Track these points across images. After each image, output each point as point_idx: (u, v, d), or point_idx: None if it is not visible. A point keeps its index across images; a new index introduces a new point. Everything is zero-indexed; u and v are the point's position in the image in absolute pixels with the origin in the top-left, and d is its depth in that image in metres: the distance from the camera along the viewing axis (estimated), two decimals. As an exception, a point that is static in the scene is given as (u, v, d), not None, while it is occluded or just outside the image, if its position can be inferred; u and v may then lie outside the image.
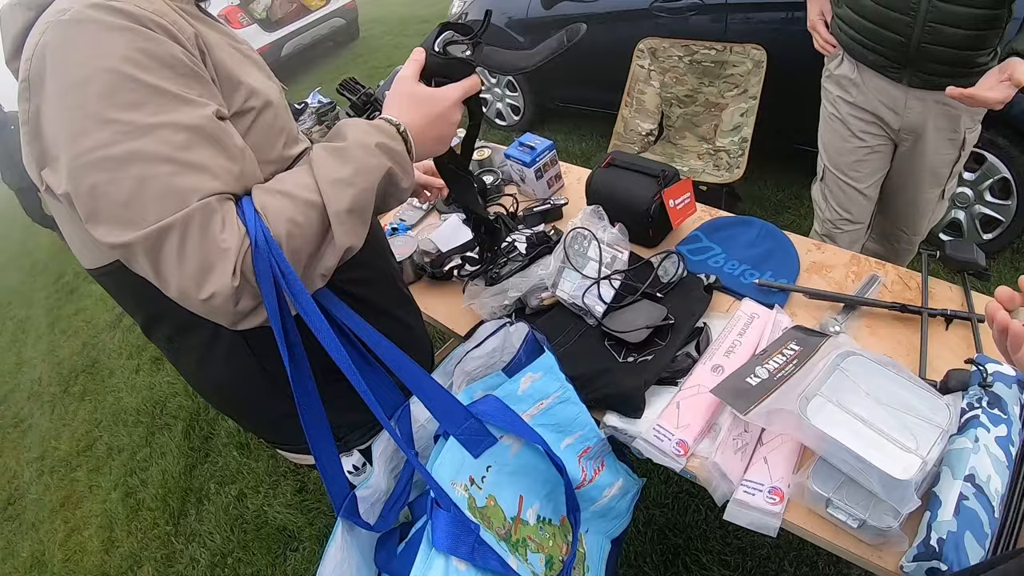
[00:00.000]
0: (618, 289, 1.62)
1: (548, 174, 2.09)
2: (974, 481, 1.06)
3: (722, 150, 3.33)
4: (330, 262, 0.99)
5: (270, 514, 3.34)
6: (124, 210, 0.84)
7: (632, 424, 1.38)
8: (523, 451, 1.24)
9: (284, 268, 0.89)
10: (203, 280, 0.86)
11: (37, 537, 4.52)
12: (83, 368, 5.92)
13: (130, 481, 4.24)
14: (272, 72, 1.23)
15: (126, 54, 0.84)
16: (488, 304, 1.68)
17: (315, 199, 0.94)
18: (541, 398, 1.28)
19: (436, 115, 1.13)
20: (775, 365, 1.31)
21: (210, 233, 0.85)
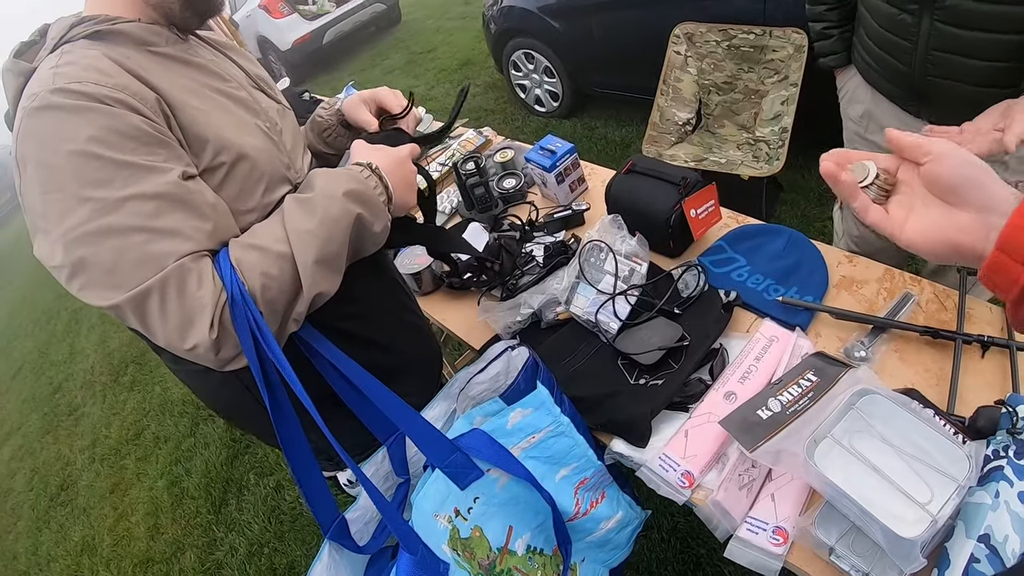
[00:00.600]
0: (634, 305, 1.57)
1: (570, 178, 2.04)
2: (988, 542, 0.98)
3: (762, 140, 3.24)
4: (301, 308, 1.04)
5: (305, 507, 3.42)
6: (109, 277, 0.93)
7: (638, 452, 1.34)
8: (511, 483, 1.22)
9: (258, 320, 0.95)
10: (185, 334, 0.94)
11: (88, 522, 4.71)
12: (132, 359, 6.14)
13: (175, 470, 4.41)
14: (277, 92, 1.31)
15: (90, 134, 0.91)
16: (502, 319, 1.66)
17: (286, 251, 0.99)
18: (532, 432, 1.26)
19: (399, 159, 1.19)
20: (789, 397, 1.25)
21: (187, 291, 0.93)
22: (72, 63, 0.96)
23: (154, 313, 0.93)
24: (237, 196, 1.07)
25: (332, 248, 1.02)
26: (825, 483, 1.07)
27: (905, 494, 1.03)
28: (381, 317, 1.36)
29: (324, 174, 1.08)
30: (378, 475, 1.29)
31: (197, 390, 1.38)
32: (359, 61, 10.42)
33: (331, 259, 1.03)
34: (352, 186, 1.06)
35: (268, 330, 0.97)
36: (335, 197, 1.03)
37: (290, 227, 1.00)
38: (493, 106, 6.12)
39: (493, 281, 1.75)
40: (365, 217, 1.07)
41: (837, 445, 1.12)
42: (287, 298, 1.01)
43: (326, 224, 1.01)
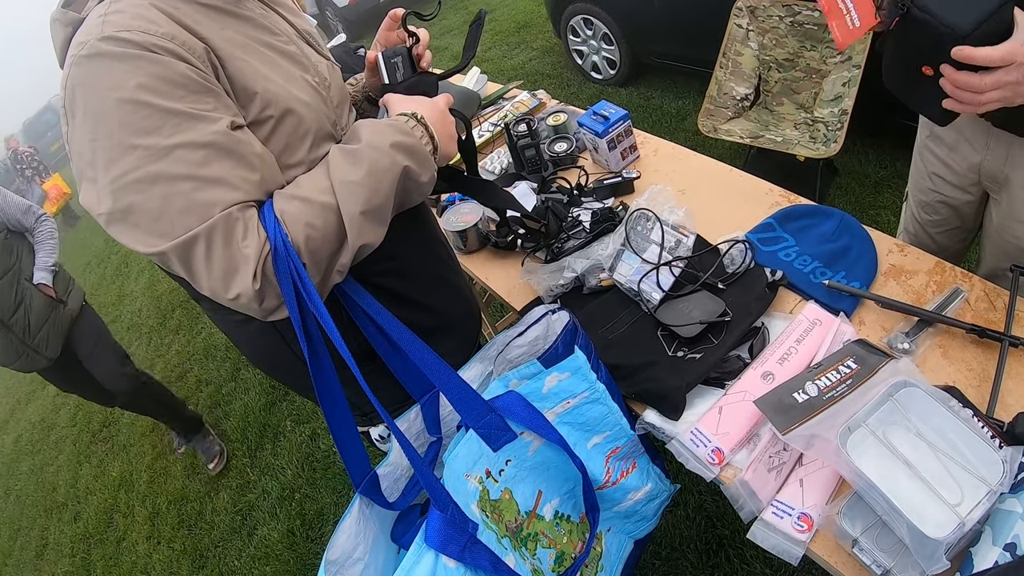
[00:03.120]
0: (678, 277, 1.56)
1: (622, 145, 2.02)
2: (1015, 551, 0.96)
3: (820, 121, 3.17)
4: (346, 259, 1.04)
5: (338, 457, 3.49)
6: (155, 224, 0.94)
7: (670, 424, 1.34)
8: (544, 447, 1.23)
9: (300, 271, 0.96)
10: (229, 283, 0.95)
11: (127, 459, 4.88)
12: (179, 303, 6.27)
13: (215, 412, 4.53)
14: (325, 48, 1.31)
15: (139, 82, 0.91)
16: (545, 281, 1.66)
17: (330, 201, 0.99)
18: (567, 397, 1.26)
19: (440, 109, 1.18)
20: (827, 383, 1.24)
21: (233, 241, 0.94)
22: (121, 12, 0.96)
23: (199, 261, 0.94)
24: (283, 150, 1.07)
25: (378, 199, 1.02)
26: (855, 473, 1.05)
27: (935, 493, 1.01)
28: (420, 274, 1.36)
29: (370, 125, 1.08)
30: (410, 432, 1.30)
31: (235, 340, 1.39)
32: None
33: (377, 210, 1.03)
34: (399, 138, 1.05)
35: (310, 281, 0.98)
36: (382, 149, 1.03)
37: (335, 178, 1.00)
38: (549, 71, 6.07)
39: (538, 243, 1.74)
40: (412, 169, 1.06)
41: (871, 435, 1.11)
42: (331, 249, 1.01)
43: (373, 175, 1.01)
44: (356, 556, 1.15)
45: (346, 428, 1.16)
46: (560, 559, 1.28)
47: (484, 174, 2.28)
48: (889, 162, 3.55)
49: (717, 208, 1.78)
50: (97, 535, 4.53)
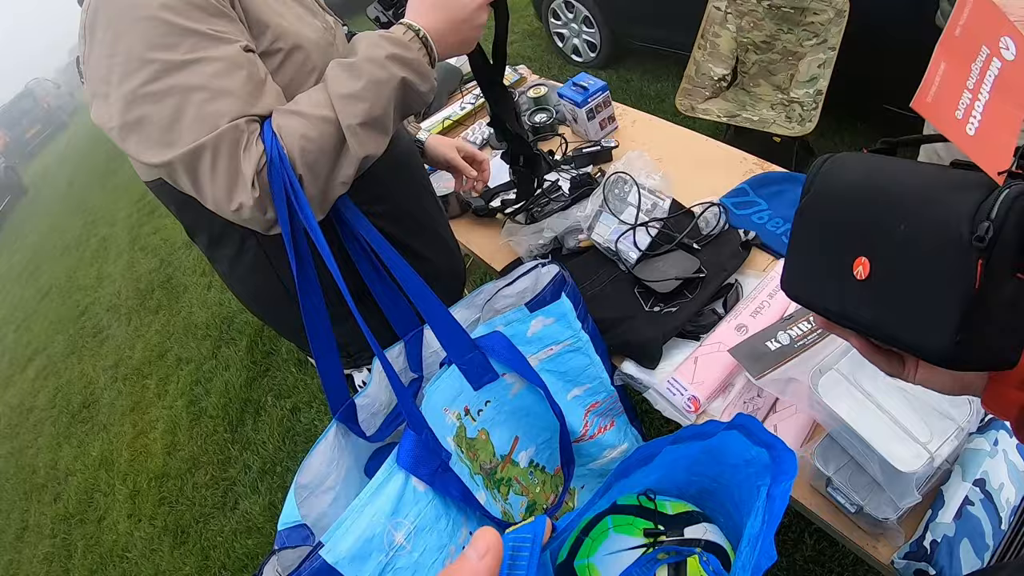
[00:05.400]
0: (654, 237, 1.60)
1: (600, 115, 2.06)
2: (984, 487, 1.01)
3: (796, 101, 3.22)
4: (349, 171, 1.07)
5: (319, 428, 3.52)
6: (165, 134, 0.97)
7: (647, 374, 1.38)
8: (524, 392, 1.25)
9: (293, 183, 1.00)
10: (231, 193, 0.99)
11: (107, 438, 4.87)
12: (159, 283, 6.25)
13: (195, 390, 4.53)
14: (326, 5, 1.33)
15: (162, 2, 0.94)
16: (525, 242, 1.70)
17: (328, 115, 1.03)
18: (550, 344, 1.28)
19: (460, 19, 1.16)
20: (798, 332, 1.29)
21: (237, 152, 0.98)
22: None
23: (205, 172, 0.98)
24: (289, 84, 1.10)
25: (378, 111, 1.05)
26: (828, 414, 1.09)
27: (906, 431, 1.04)
28: (412, 221, 1.38)
29: (366, 39, 1.09)
30: (396, 363, 1.30)
31: (230, 280, 1.40)
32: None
33: (377, 121, 1.06)
34: (396, 50, 1.07)
35: (303, 194, 1.01)
36: (379, 61, 1.05)
37: (333, 92, 1.03)
38: (530, 53, 6.09)
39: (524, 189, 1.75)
40: (411, 80, 1.08)
41: (842, 379, 1.14)
42: (329, 160, 1.04)
43: (371, 87, 1.03)
44: (327, 485, 1.17)
45: (329, 354, 1.19)
46: (531, 508, 1.31)
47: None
48: (864, 143, 3.59)
49: (692, 175, 1.82)
50: (78, 515, 4.53)
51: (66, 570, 4.26)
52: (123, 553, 3.94)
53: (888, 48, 2.98)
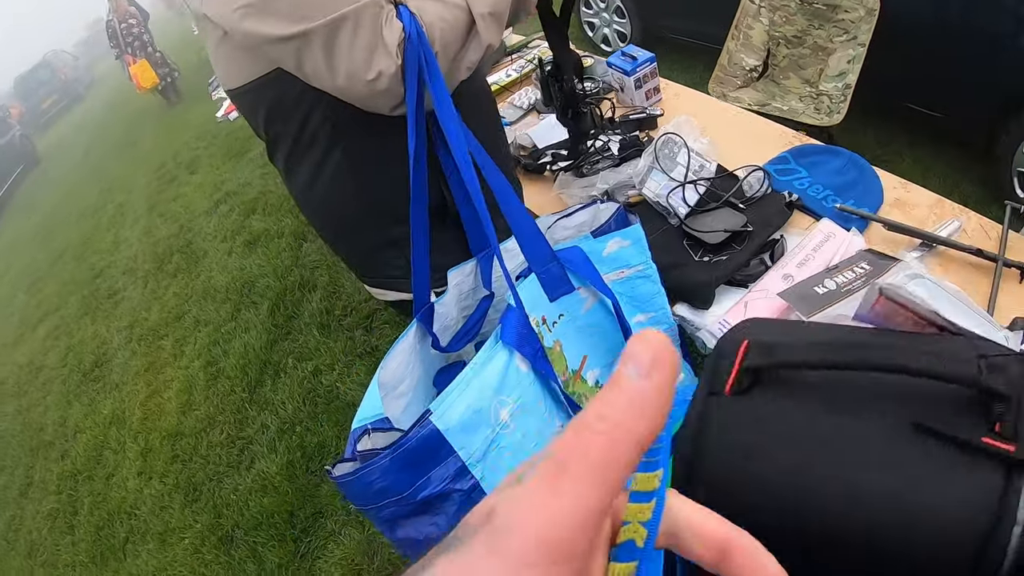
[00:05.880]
0: (702, 195, 1.67)
1: (647, 85, 2.13)
2: None
3: (824, 94, 3.29)
4: (474, 56, 1.15)
5: (342, 390, 3.51)
6: (298, 8, 1.01)
7: (699, 316, 1.44)
8: (595, 309, 1.26)
9: (429, 59, 1.05)
10: (371, 62, 1.05)
11: (119, 397, 4.84)
12: (178, 248, 6.20)
13: (213, 351, 4.50)
14: None
15: None
16: (577, 194, 1.77)
17: (461, 2, 1.10)
18: (623, 266, 1.30)
19: None
20: (844, 279, 1.35)
21: (377, 24, 1.04)
22: None
23: (344, 41, 1.03)
24: None
25: (502, 6, 1.13)
26: None
27: None
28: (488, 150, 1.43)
29: None
30: (465, 284, 1.34)
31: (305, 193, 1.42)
32: None
33: (500, 15, 1.13)
34: None
35: (437, 68, 1.07)
36: None
37: None
38: (560, 42, 6.12)
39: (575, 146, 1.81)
40: None
41: (889, 318, 1.20)
42: (459, 43, 1.12)
43: None
44: (401, 390, 1.21)
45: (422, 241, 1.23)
46: None
47: (512, 109, 2.39)
48: (887, 140, 3.67)
49: (735, 144, 1.89)
50: (85, 472, 4.50)
51: (71, 526, 4.23)
52: (131, 510, 3.91)
53: (913, 49, 3.07)
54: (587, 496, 0.25)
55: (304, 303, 4.35)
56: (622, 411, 0.26)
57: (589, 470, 0.25)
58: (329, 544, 2.92)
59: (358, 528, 2.87)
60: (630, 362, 0.27)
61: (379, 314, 3.83)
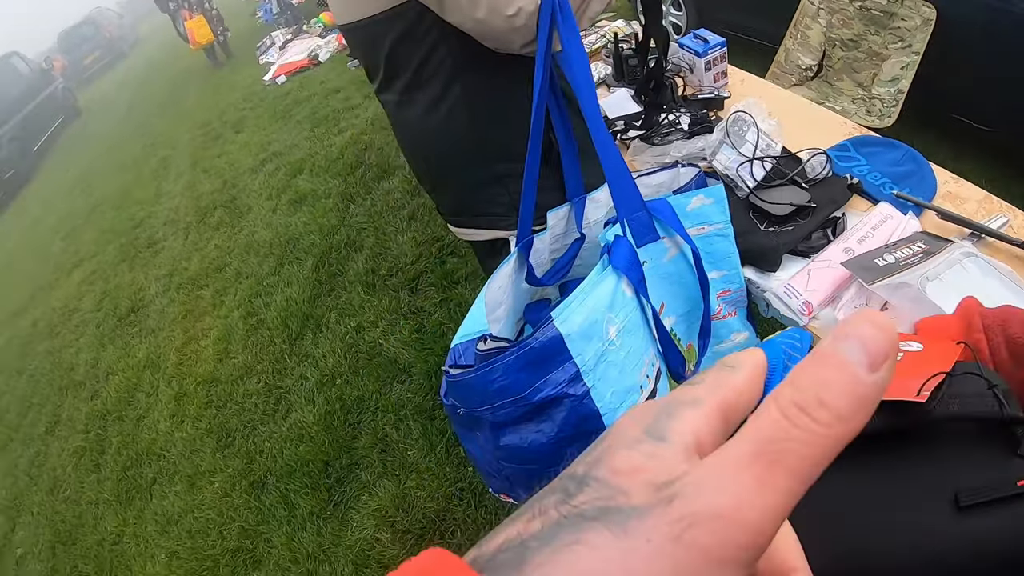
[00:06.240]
0: (768, 171, 1.75)
1: (716, 68, 2.21)
2: None
3: (876, 98, 3.36)
4: (597, 7, 1.23)
5: (385, 347, 3.53)
6: None
7: (765, 279, 1.53)
8: (676, 259, 1.30)
9: (563, 3, 1.12)
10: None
11: (155, 342, 4.89)
12: (222, 203, 6.23)
13: (254, 303, 4.52)
14: None
15: None
16: (649, 161, 1.85)
17: None
18: (704, 223, 1.35)
19: None
20: (902, 255, 1.42)
21: None
22: None
23: None
24: None
25: None
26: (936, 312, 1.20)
27: None
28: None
29: None
30: (558, 226, 1.43)
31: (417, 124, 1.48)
32: None
33: None
34: None
35: (570, 8, 1.14)
36: None
37: None
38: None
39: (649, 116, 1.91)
40: None
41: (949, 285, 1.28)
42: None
43: None
44: (497, 315, 1.28)
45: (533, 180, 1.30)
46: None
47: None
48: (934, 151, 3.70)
49: (797, 129, 1.97)
50: (115, 412, 4.56)
51: (97, 465, 4.29)
52: (161, 452, 3.97)
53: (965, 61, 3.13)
54: (796, 494, 0.23)
55: (349, 262, 4.36)
56: (850, 407, 0.23)
57: (806, 466, 0.23)
58: (363, 495, 2.96)
59: (393, 481, 2.92)
60: (856, 343, 0.24)
61: (425, 276, 3.85)
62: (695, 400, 0.28)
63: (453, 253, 3.87)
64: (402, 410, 3.17)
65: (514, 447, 1.13)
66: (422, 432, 3.01)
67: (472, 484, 2.69)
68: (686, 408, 0.28)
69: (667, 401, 0.29)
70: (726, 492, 0.23)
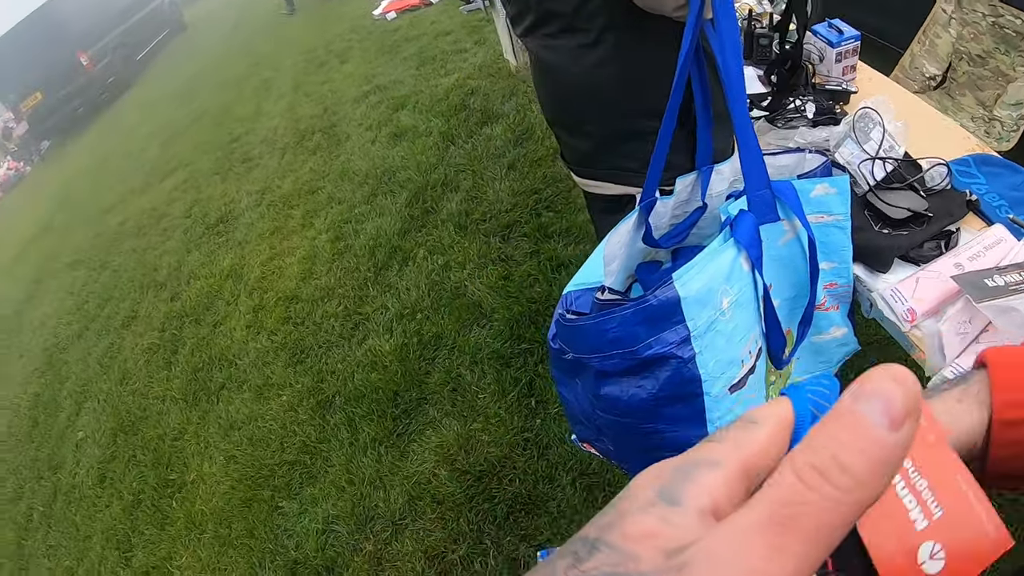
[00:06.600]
0: (887, 173, 1.76)
1: (846, 61, 2.20)
2: None
3: (997, 119, 3.29)
4: None
5: (470, 289, 3.57)
6: None
7: (873, 278, 1.56)
8: (791, 244, 1.30)
9: None
10: None
11: (240, 254, 5.03)
12: (320, 128, 6.28)
13: (343, 228, 4.58)
14: None
15: None
16: (773, 143, 1.87)
17: None
18: (823, 212, 1.35)
19: None
20: (1012, 280, 1.41)
21: None
22: None
23: None
24: None
25: None
26: None
27: None
28: None
29: None
30: (683, 194, 1.45)
31: (566, 67, 1.51)
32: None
33: None
34: None
35: None
36: None
37: None
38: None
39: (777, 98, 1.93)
40: None
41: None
42: None
43: None
44: (612, 268, 1.32)
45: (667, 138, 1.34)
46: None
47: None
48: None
49: (920, 136, 1.94)
50: (193, 315, 4.74)
51: (168, 363, 4.48)
52: (233, 359, 4.12)
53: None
54: (813, 560, 0.22)
55: (444, 201, 4.38)
56: (869, 471, 0.23)
57: (823, 531, 0.22)
58: (427, 430, 3.03)
59: (459, 421, 2.97)
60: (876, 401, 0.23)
61: (519, 226, 3.85)
62: (714, 462, 0.28)
63: (550, 208, 3.87)
64: (479, 353, 3.21)
65: (613, 398, 1.17)
66: (496, 378, 3.05)
67: (538, 436, 2.72)
68: (704, 470, 0.27)
69: (685, 460, 0.28)
70: (737, 560, 0.22)
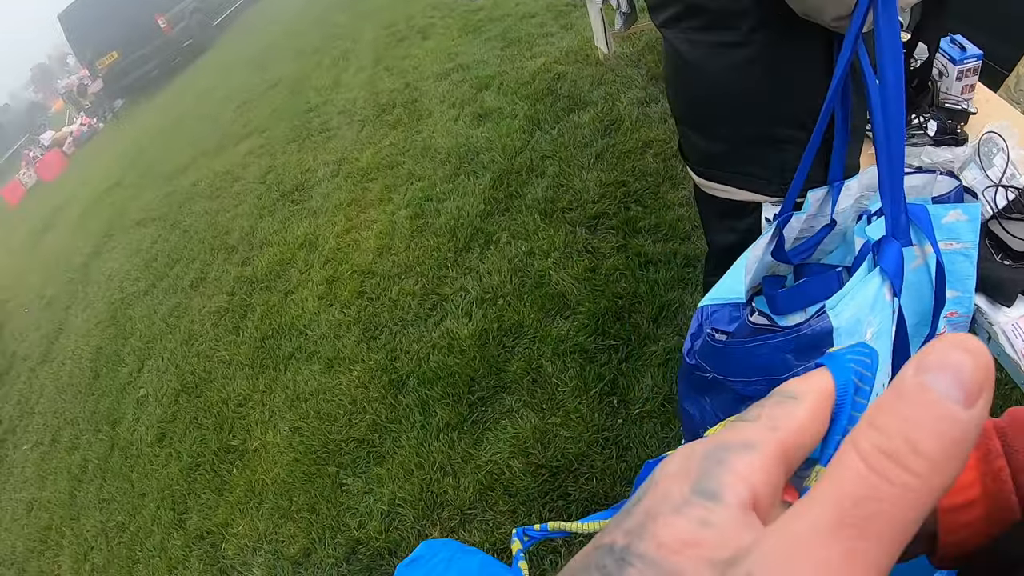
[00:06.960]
0: (1009, 201, 1.74)
1: (967, 80, 2.16)
2: None
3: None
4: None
5: (554, 278, 3.47)
6: None
7: (995, 311, 1.54)
8: (919, 270, 1.27)
9: None
10: None
11: (315, 223, 4.99)
12: (402, 103, 6.20)
13: (424, 206, 4.49)
14: None
15: None
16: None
17: None
18: (953, 239, 1.32)
19: None
20: None
21: None
22: None
23: None
24: None
25: None
26: None
27: None
28: None
29: None
30: (813, 206, 1.43)
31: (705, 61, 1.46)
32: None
33: None
34: None
35: None
36: None
37: None
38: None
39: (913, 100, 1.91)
40: None
41: None
42: None
43: None
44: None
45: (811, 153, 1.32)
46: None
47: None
48: None
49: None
50: (264, 282, 4.73)
51: (236, 328, 4.49)
52: (304, 329, 4.10)
53: None
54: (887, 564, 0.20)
55: (529, 186, 4.27)
56: (944, 452, 0.19)
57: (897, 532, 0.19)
58: (503, 420, 2.97)
59: (537, 413, 2.91)
60: (947, 375, 0.20)
61: (606, 218, 3.74)
62: (748, 444, 0.24)
63: (638, 202, 3.74)
64: (561, 345, 3.14)
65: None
66: (578, 372, 2.98)
67: (619, 436, 2.66)
68: (739, 454, 0.24)
69: (715, 444, 0.24)
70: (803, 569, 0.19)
